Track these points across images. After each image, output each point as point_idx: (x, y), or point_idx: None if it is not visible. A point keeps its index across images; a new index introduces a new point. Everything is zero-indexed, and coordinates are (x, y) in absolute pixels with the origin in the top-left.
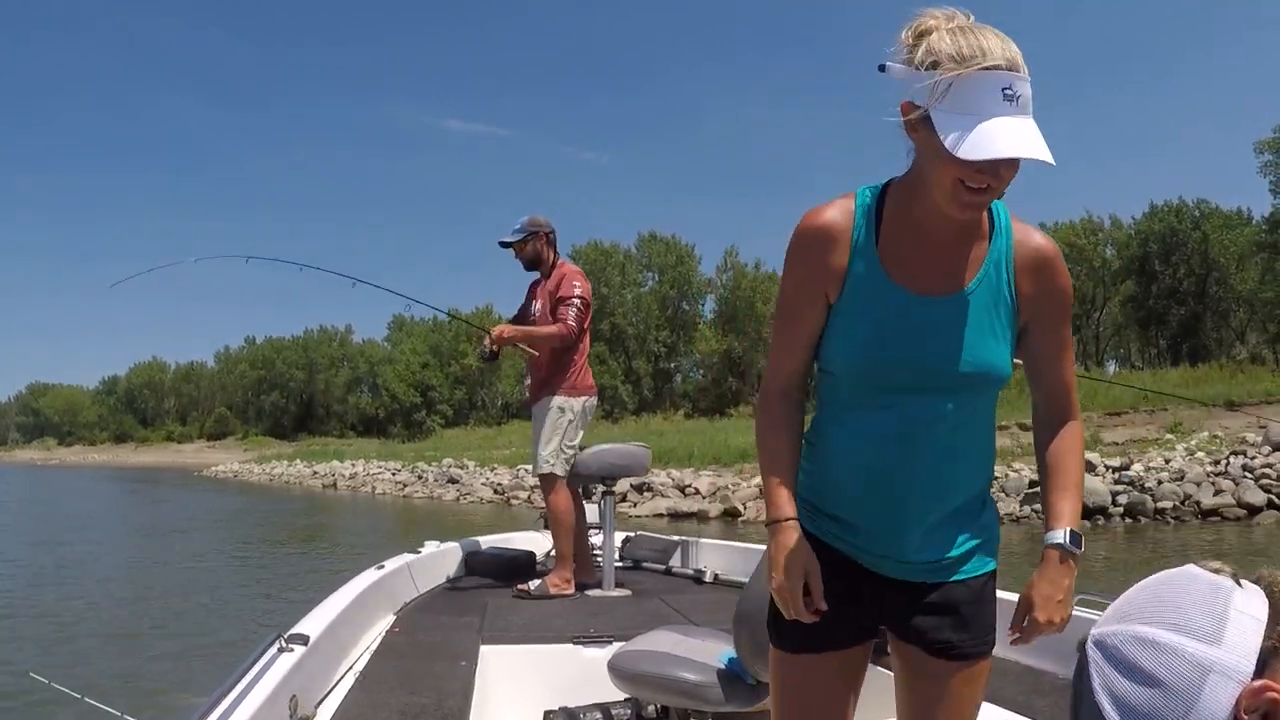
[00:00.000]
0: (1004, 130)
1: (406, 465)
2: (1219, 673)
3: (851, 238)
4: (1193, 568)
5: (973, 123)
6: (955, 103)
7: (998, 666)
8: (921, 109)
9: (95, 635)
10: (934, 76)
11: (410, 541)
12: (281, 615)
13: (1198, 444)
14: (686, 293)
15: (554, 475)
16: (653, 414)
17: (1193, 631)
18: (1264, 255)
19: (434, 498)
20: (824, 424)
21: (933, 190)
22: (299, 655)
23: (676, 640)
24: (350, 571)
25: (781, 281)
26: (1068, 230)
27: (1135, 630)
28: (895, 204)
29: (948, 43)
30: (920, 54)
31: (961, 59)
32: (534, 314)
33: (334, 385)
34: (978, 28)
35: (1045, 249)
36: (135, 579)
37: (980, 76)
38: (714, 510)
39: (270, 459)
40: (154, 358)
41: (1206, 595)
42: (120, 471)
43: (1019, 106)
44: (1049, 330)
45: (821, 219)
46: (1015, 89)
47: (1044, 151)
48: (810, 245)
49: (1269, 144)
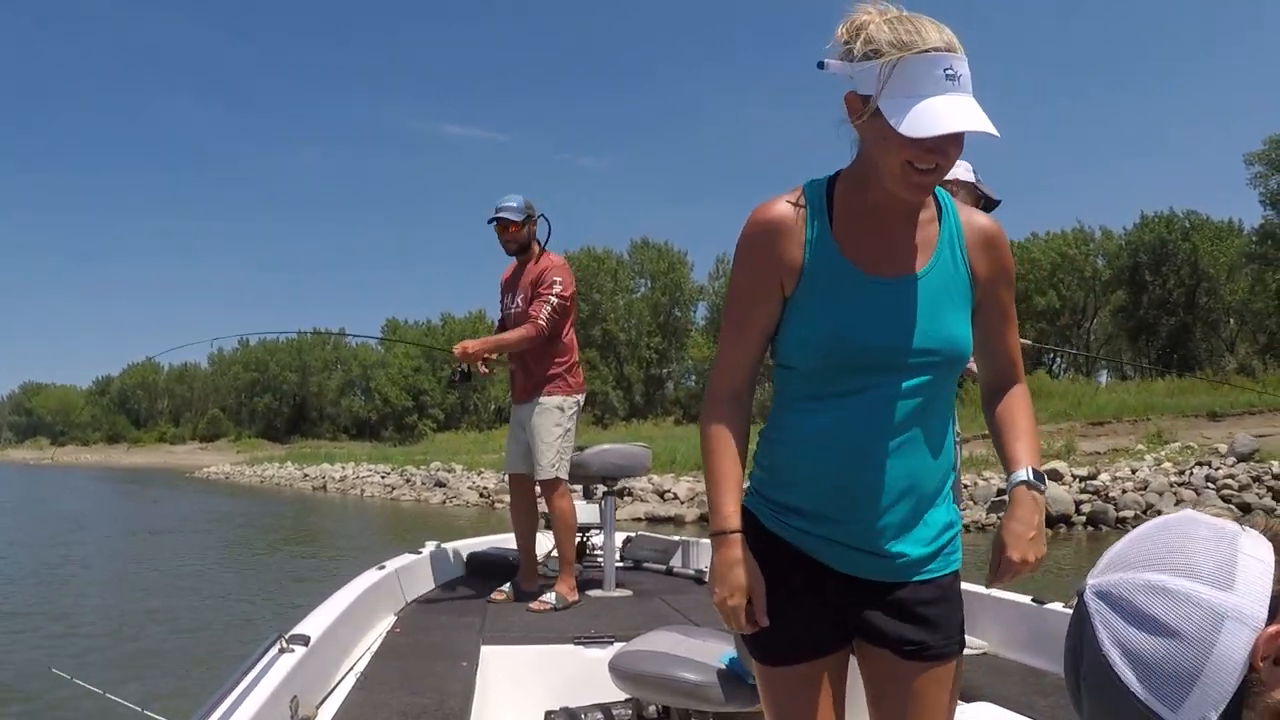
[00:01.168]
0: (948, 107)
1: (395, 468)
2: (1234, 619)
3: (805, 229)
4: (1191, 512)
5: (916, 103)
6: (899, 86)
7: (998, 666)
8: (870, 99)
9: (94, 636)
10: (876, 64)
11: (397, 542)
12: (265, 615)
13: (1166, 454)
14: (678, 299)
15: (559, 479)
16: (643, 420)
17: (1204, 576)
18: (1254, 266)
19: (421, 500)
20: (785, 416)
21: (882, 175)
22: (300, 655)
23: (677, 640)
24: (346, 572)
25: (732, 279)
26: (1059, 240)
27: (1145, 577)
28: (845, 192)
29: (885, 31)
30: (859, 45)
31: (901, 45)
32: (514, 309)
33: (327, 388)
34: (912, 16)
35: (990, 227)
36: (129, 580)
37: (920, 59)
38: (690, 515)
39: (262, 461)
40: (147, 359)
41: (1212, 539)
42: (112, 472)
43: (960, 85)
44: (996, 304)
45: (771, 212)
46: (955, 69)
47: (987, 124)
48: (762, 239)
49: (1259, 156)
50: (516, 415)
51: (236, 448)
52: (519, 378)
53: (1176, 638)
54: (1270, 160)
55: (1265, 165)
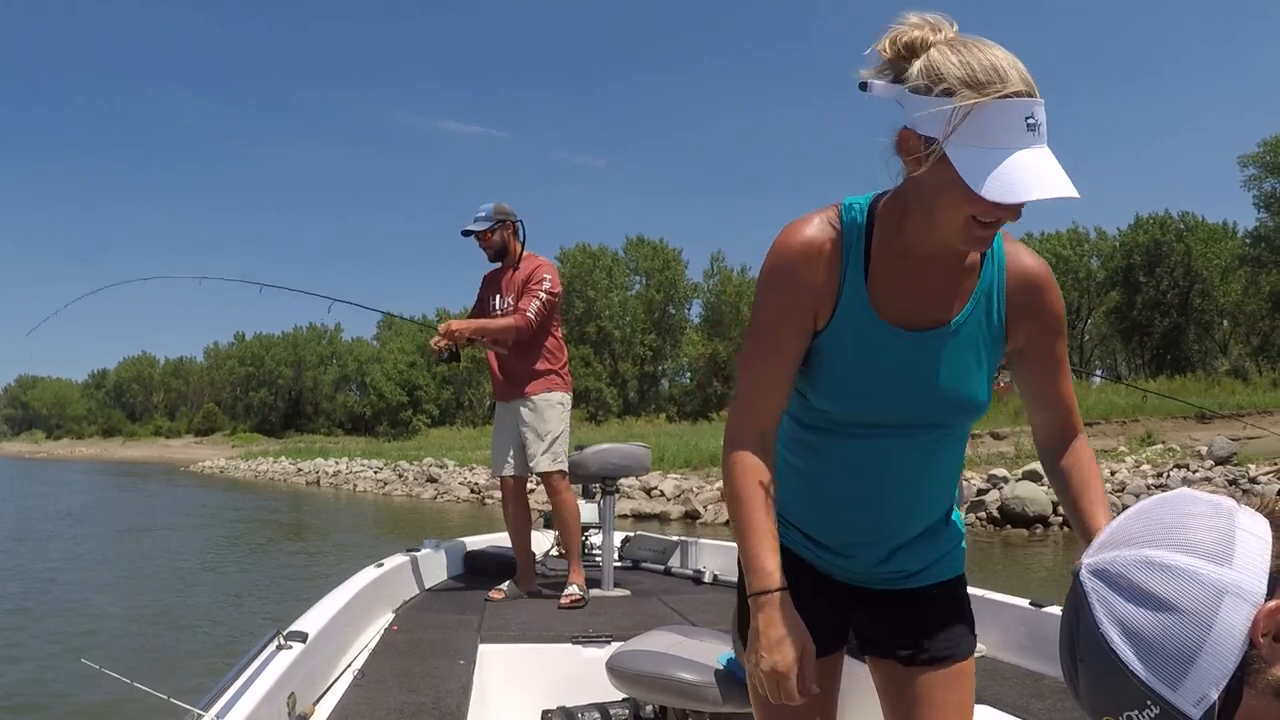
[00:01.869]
0: (1033, 167)
1: (388, 464)
2: (1234, 594)
3: (841, 259)
4: (1188, 490)
5: (997, 159)
6: (973, 135)
7: (996, 669)
8: (935, 144)
9: (91, 633)
10: (945, 104)
11: (386, 537)
12: (252, 610)
13: (1147, 456)
14: (673, 296)
15: (563, 471)
16: (636, 417)
17: (1202, 552)
18: (1248, 268)
19: (413, 495)
20: (788, 440)
21: (937, 223)
22: (297, 653)
23: (675, 640)
24: (334, 568)
25: (759, 306)
26: (1054, 241)
27: (1143, 554)
28: (885, 230)
29: (955, 65)
30: (920, 74)
31: (978, 85)
32: (499, 309)
33: (322, 383)
34: (979, 43)
35: (1038, 272)
36: (123, 575)
37: (1001, 105)
38: (675, 512)
39: (256, 455)
40: (143, 352)
41: (1210, 515)
42: (107, 465)
43: (1041, 135)
44: (1045, 351)
45: (807, 236)
46: (1036, 117)
47: (1071, 188)
48: (796, 265)
49: (1253, 159)
50: (505, 415)
51: (232, 442)
52: (511, 374)
53: (1176, 613)
54: (1264, 163)
55: (1259, 168)
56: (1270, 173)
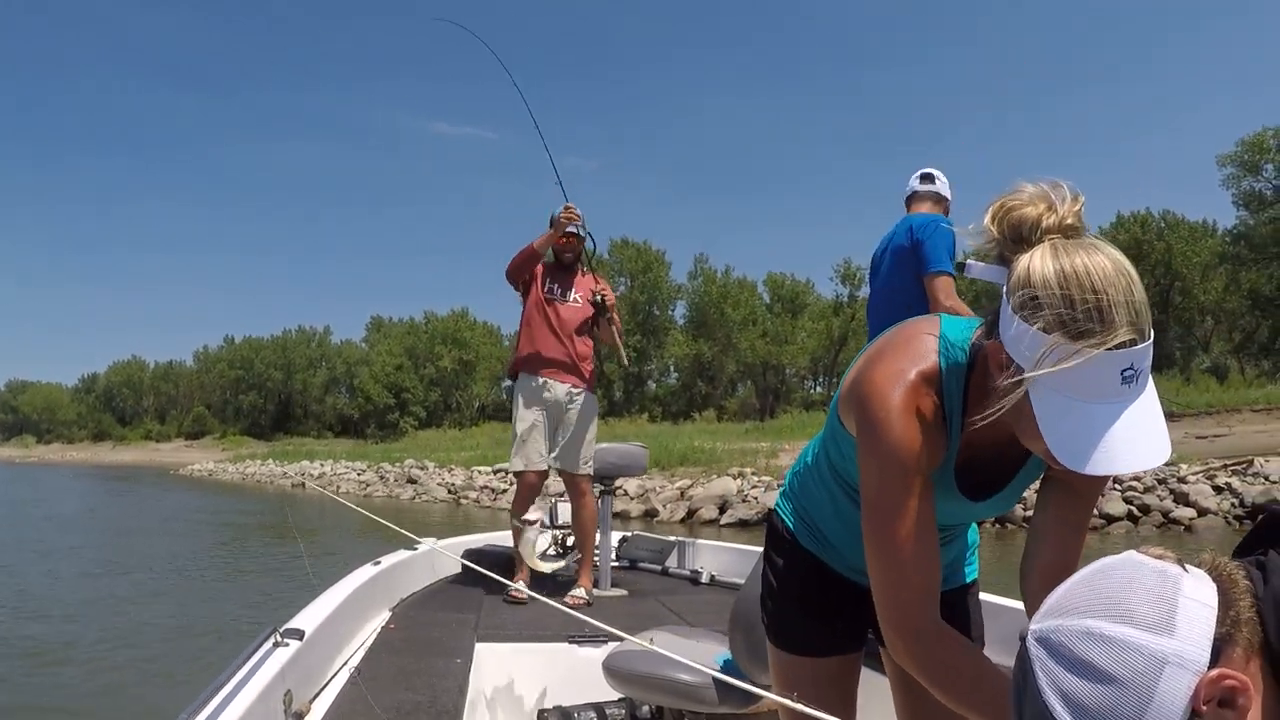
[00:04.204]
0: (1120, 435)
1: (371, 466)
2: (1175, 664)
3: (947, 431)
4: (1135, 554)
5: (1083, 420)
6: (1062, 381)
7: None
8: (1021, 374)
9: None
10: (1036, 339)
11: (361, 537)
12: (236, 609)
13: None
14: (656, 298)
15: (590, 476)
16: (620, 418)
17: (1143, 623)
18: (1228, 266)
19: (393, 496)
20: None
21: (1017, 430)
22: (294, 650)
23: (672, 640)
24: (341, 569)
25: (883, 483)
26: None
27: (1083, 624)
28: (974, 404)
29: (1055, 292)
30: (1017, 284)
31: (1077, 333)
32: (569, 302)
33: (311, 386)
34: (1089, 251)
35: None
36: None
37: (1098, 359)
38: (635, 510)
39: (245, 459)
40: (133, 356)
41: (1154, 584)
42: (97, 470)
43: (1139, 386)
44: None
45: (919, 418)
46: (1136, 366)
47: (1164, 452)
48: (915, 452)
49: (1230, 158)
50: (561, 400)
51: (221, 445)
52: (577, 358)
53: (1115, 684)
54: (1242, 162)
55: (1237, 167)
56: (1248, 171)
